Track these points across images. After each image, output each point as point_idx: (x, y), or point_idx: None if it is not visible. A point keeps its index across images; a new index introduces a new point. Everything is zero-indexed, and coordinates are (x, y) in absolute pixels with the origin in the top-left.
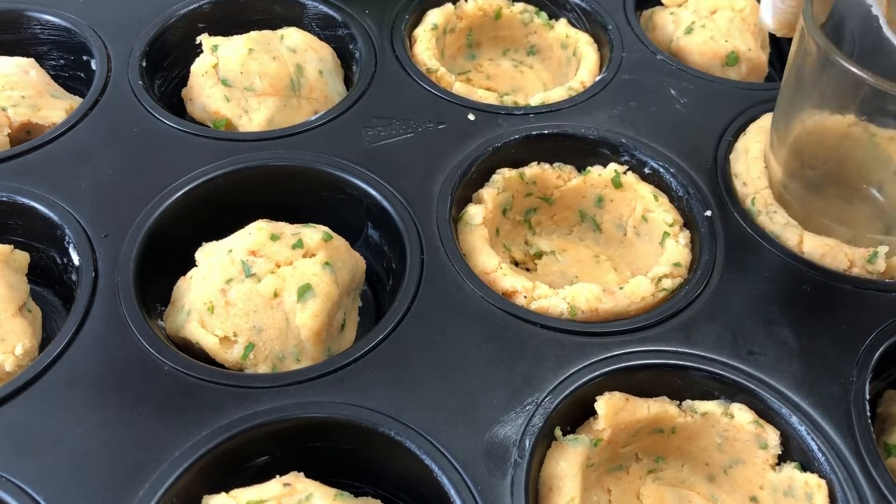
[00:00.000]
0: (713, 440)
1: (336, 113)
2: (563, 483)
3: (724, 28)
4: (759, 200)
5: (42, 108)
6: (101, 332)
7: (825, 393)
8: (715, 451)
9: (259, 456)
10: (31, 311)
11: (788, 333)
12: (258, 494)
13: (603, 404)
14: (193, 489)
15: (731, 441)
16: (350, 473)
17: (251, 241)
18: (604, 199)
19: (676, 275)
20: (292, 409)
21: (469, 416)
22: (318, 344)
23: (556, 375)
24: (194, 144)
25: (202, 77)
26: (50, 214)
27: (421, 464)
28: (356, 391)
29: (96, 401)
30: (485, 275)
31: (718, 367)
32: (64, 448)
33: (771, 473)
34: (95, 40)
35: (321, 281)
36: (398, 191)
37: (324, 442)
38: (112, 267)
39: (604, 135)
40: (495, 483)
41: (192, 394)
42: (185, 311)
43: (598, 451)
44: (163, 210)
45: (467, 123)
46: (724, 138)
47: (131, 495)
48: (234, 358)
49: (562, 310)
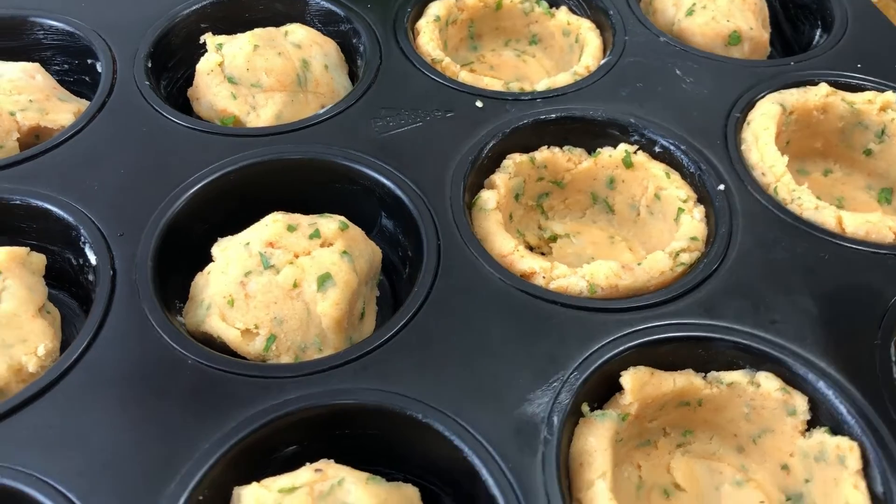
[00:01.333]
0: (741, 410)
1: (344, 105)
2: (593, 458)
3: (725, 8)
4: (781, 189)
5: (50, 112)
6: (122, 330)
7: (851, 357)
8: (743, 421)
9: (287, 446)
10: (49, 312)
11: (810, 301)
12: (290, 482)
13: (629, 378)
14: (223, 481)
15: (758, 410)
16: (379, 459)
17: (268, 233)
18: (615, 180)
19: (694, 249)
20: (319, 398)
21: (495, 396)
22: (340, 333)
23: (580, 352)
24: (204, 141)
25: (208, 76)
26: (64, 216)
27: (450, 445)
28: (381, 377)
29: (121, 398)
30: (502, 258)
31: (742, 336)
32: (92, 446)
33: (801, 440)
34: (100, 43)
35: (340, 269)
36: (410, 179)
37: (352, 429)
38: (129, 265)
39: (612, 116)
40: (526, 461)
41: (217, 386)
42: (205, 305)
43: (626, 426)
44: (178, 206)
45: (475, 110)
46: (732, 114)
47: (162, 489)
48: (256, 350)
49: (581, 288)
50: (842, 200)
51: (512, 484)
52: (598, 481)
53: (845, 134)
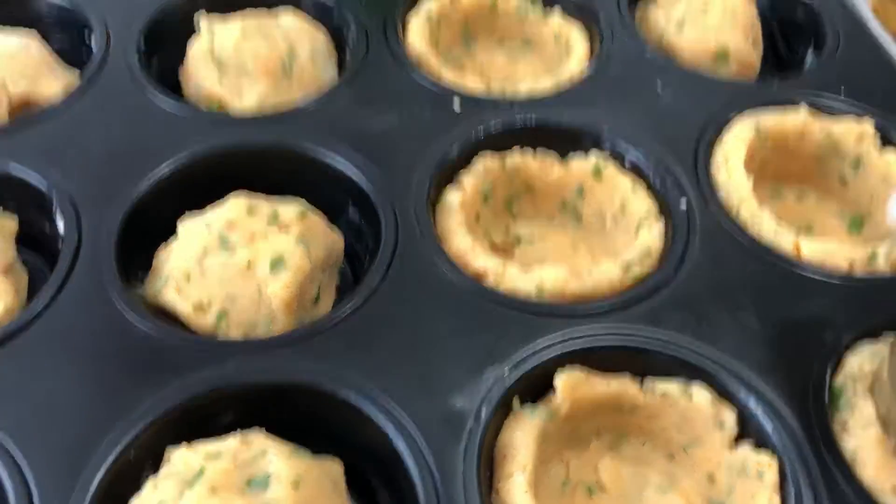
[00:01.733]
0: (672, 420)
1: (324, 96)
2: (516, 451)
3: (715, 25)
4: (744, 210)
5: (41, 84)
6: (79, 295)
7: (785, 377)
8: (674, 430)
9: (224, 415)
10: (16, 274)
11: (754, 321)
12: (216, 447)
13: (562, 379)
14: (156, 443)
15: (689, 421)
16: (313, 437)
17: (228, 214)
18: (585, 189)
19: (646, 262)
20: (257, 373)
21: (429, 384)
22: (289, 314)
23: (519, 351)
24: (184, 123)
25: (198, 58)
26: (39, 184)
27: (378, 428)
28: (321, 359)
29: (70, 359)
30: (458, 256)
31: (679, 349)
32: (35, 400)
33: (727, 453)
34: (97, 18)
35: (293, 254)
36: (378, 173)
37: (288, 406)
38: (96, 234)
39: (586, 125)
40: (449, 449)
41: (163, 355)
42: (163, 278)
43: (557, 425)
44: (148, 184)
45: (452, 111)
46: (707, 132)
47: (95, 446)
48: (207, 324)
49: (529, 291)
50: (812, 226)
51: (432, 470)
52: (517, 474)
53: (821, 160)
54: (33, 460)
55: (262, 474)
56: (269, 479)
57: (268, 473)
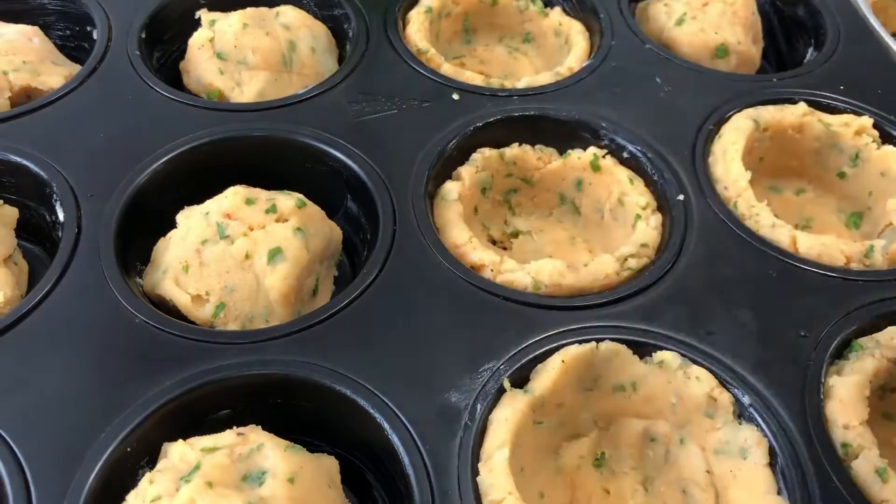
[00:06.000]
0: (668, 401)
1: (323, 87)
2: (498, 427)
3: (715, 20)
4: (741, 204)
5: (42, 74)
6: (78, 285)
7: (780, 374)
8: (669, 412)
9: (220, 409)
10: (17, 264)
11: (750, 316)
12: (213, 442)
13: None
14: (154, 436)
15: (684, 401)
16: (309, 431)
17: (227, 205)
18: (583, 183)
19: (643, 255)
20: (254, 366)
21: (425, 379)
22: (287, 306)
23: (515, 345)
24: (183, 113)
25: (198, 50)
26: (40, 172)
27: (374, 422)
28: (318, 352)
29: (68, 349)
30: (455, 248)
31: (674, 344)
32: (34, 391)
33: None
34: (99, 11)
35: (291, 245)
36: (377, 165)
37: (284, 399)
38: (95, 224)
39: (584, 118)
40: (444, 444)
41: (160, 347)
42: (162, 269)
43: (546, 410)
44: (147, 174)
45: (451, 103)
46: (705, 126)
47: (94, 438)
48: (205, 316)
49: (526, 283)
50: (810, 221)
51: (427, 464)
52: (496, 452)
53: (820, 155)
54: (30, 452)
55: (258, 469)
56: (264, 474)
57: (263, 469)
